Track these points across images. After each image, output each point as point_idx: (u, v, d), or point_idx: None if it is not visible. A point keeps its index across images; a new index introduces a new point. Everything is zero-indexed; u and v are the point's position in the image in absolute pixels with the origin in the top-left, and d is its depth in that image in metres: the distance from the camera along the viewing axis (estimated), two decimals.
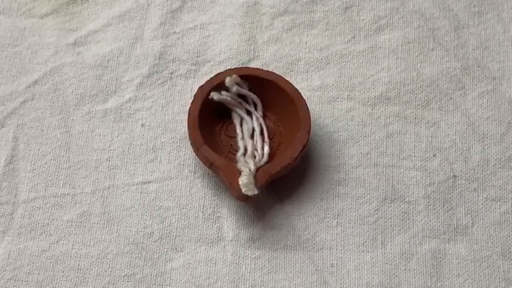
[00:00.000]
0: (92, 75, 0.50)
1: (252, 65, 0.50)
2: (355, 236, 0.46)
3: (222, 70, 0.48)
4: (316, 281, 0.45)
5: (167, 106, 0.49)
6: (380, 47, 0.51)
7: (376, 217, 0.46)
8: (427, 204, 0.47)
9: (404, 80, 0.50)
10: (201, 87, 0.47)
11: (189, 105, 0.47)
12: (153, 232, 0.46)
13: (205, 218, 0.46)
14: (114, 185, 0.47)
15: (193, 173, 0.47)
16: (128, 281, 0.44)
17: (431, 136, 0.48)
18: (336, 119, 0.49)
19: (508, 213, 0.46)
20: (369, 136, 0.49)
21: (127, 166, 0.47)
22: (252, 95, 0.48)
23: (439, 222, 0.46)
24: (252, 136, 0.47)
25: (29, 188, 0.47)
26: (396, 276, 0.45)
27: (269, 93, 0.47)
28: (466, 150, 0.48)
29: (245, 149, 0.46)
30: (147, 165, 0.48)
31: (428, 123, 0.49)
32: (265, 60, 0.51)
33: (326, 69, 0.51)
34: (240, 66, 0.50)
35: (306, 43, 0.51)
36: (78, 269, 0.45)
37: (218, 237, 0.46)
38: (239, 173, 0.44)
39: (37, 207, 0.46)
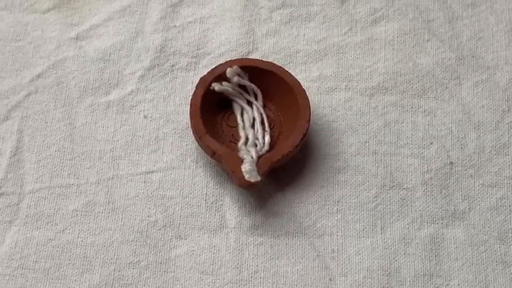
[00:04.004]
0: (94, 68, 0.51)
1: (251, 57, 0.51)
2: (355, 222, 0.47)
3: (222, 62, 0.49)
4: (318, 266, 0.46)
5: (168, 97, 0.50)
6: (377, 39, 0.52)
7: (375, 204, 0.47)
8: (425, 190, 0.48)
9: (400, 71, 0.51)
10: (202, 78, 0.48)
11: (190, 96, 0.47)
12: (157, 221, 0.47)
13: (208, 206, 0.47)
14: (118, 175, 0.48)
15: (195, 162, 0.48)
16: (133, 268, 0.45)
17: (428, 125, 0.50)
18: (334, 109, 0.50)
19: (504, 198, 0.47)
20: (367, 125, 0.50)
21: (130, 157, 0.48)
22: (252, 86, 0.48)
23: (437, 208, 0.47)
24: (253, 126, 0.48)
25: (35, 179, 0.48)
26: (396, 260, 0.46)
27: (269, 83, 0.48)
28: (462, 137, 0.49)
29: (246, 138, 0.47)
30: (150, 156, 0.48)
31: (424, 112, 0.50)
32: (264, 52, 0.52)
33: (324, 60, 0.52)
34: (240, 58, 0.51)
35: (304, 35, 0.52)
36: (84, 257, 0.46)
37: (221, 224, 0.47)
38: (241, 161, 0.45)
39: (43, 197, 0.47)
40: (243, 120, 0.48)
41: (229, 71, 0.48)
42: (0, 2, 0.53)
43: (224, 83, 0.48)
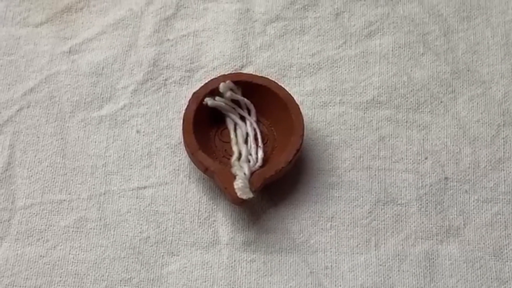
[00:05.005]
0: (87, 82, 0.51)
1: (245, 71, 0.51)
2: (349, 238, 0.46)
3: (216, 76, 0.48)
4: (311, 283, 0.45)
5: (161, 112, 0.50)
6: (371, 52, 0.52)
7: (370, 220, 0.47)
8: (420, 206, 0.47)
9: (395, 85, 0.51)
10: (195, 93, 0.48)
11: (183, 111, 0.47)
12: (149, 237, 0.46)
13: (200, 222, 0.47)
14: (110, 190, 0.47)
15: (188, 178, 0.48)
16: (125, 285, 0.45)
17: (423, 139, 0.49)
18: (328, 123, 0.50)
19: (499, 214, 0.47)
20: (362, 140, 0.49)
21: (122, 172, 0.48)
22: (245, 101, 0.48)
23: (431, 224, 0.47)
24: (246, 141, 0.48)
25: (26, 195, 0.47)
26: (390, 277, 0.45)
27: (263, 98, 0.48)
28: (457, 152, 0.49)
29: (240, 154, 0.47)
30: (142, 171, 0.48)
31: (419, 126, 0.50)
32: (258, 66, 0.51)
33: (318, 74, 0.51)
34: (233, 72, 0.51)
35: (298, 49, 0.52)
36: (75, 274, 0.45)
37: (213, 241, 0.46)
38: (234, 177, 0.45)
39: (34, 214, 0.47)
40: (236, 136, 0.48)
41: (222, 86, 0.47)
42: None
43: (217, 98, 0.48)
